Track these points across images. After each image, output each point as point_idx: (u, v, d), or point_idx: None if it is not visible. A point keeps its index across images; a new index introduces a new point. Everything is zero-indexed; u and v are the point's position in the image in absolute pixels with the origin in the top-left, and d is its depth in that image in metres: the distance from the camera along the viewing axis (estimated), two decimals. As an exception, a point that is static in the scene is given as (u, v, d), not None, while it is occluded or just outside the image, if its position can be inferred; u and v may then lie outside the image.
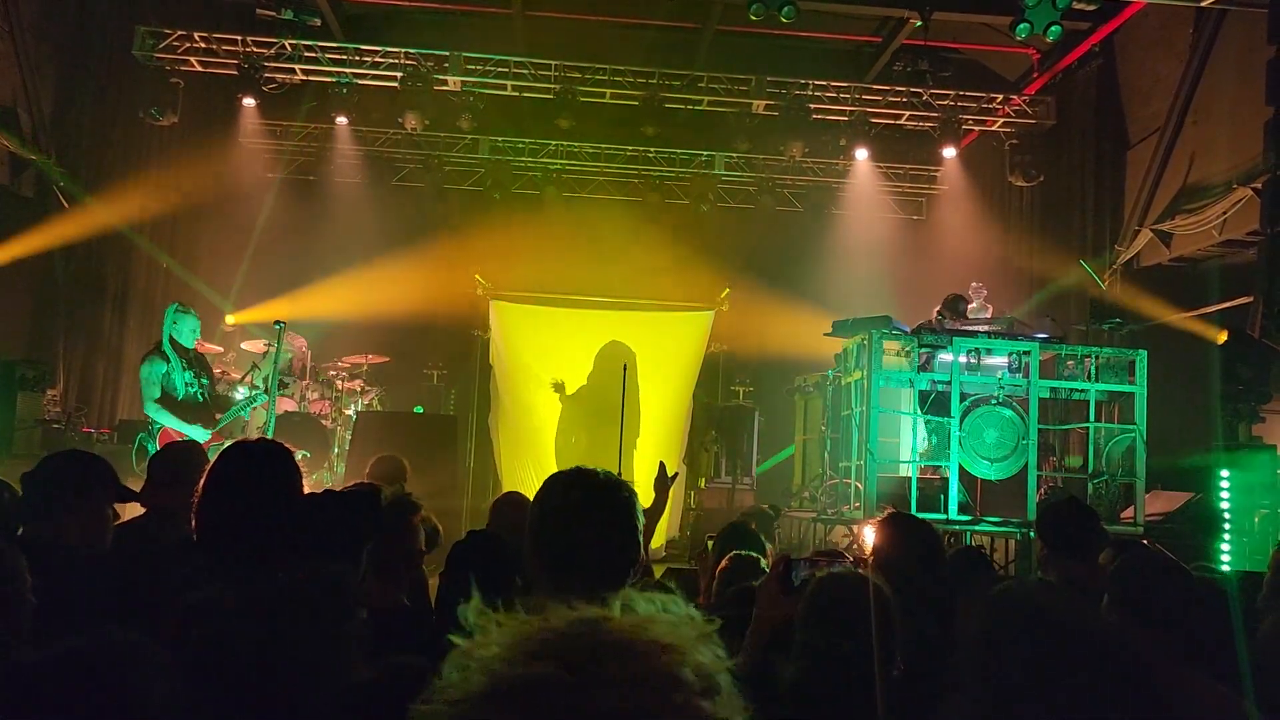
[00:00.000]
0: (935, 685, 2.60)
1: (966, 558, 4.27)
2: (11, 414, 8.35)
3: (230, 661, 1.85)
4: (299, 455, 2.85)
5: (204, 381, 7.10)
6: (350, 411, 10.41)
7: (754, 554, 3.66)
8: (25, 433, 8.55)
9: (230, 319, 11.15)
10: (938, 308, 9.02)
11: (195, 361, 7.10)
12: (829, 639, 2.23)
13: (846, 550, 6.88)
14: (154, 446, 6.85)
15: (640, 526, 1.92)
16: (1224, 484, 7.20)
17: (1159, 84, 10.09)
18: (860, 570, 2.53)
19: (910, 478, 7.81)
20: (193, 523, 3.10)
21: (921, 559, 3.24)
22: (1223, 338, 7.88)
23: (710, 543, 4.20)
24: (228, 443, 7.01)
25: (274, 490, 2.58)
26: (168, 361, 6.88)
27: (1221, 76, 9.15)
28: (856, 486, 7.95)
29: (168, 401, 6.83)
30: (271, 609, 1.93)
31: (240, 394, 8.32)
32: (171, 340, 6.92)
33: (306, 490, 2.78)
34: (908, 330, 8.34)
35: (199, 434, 6.76)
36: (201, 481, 2.75)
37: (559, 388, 11.75)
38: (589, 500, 1.88)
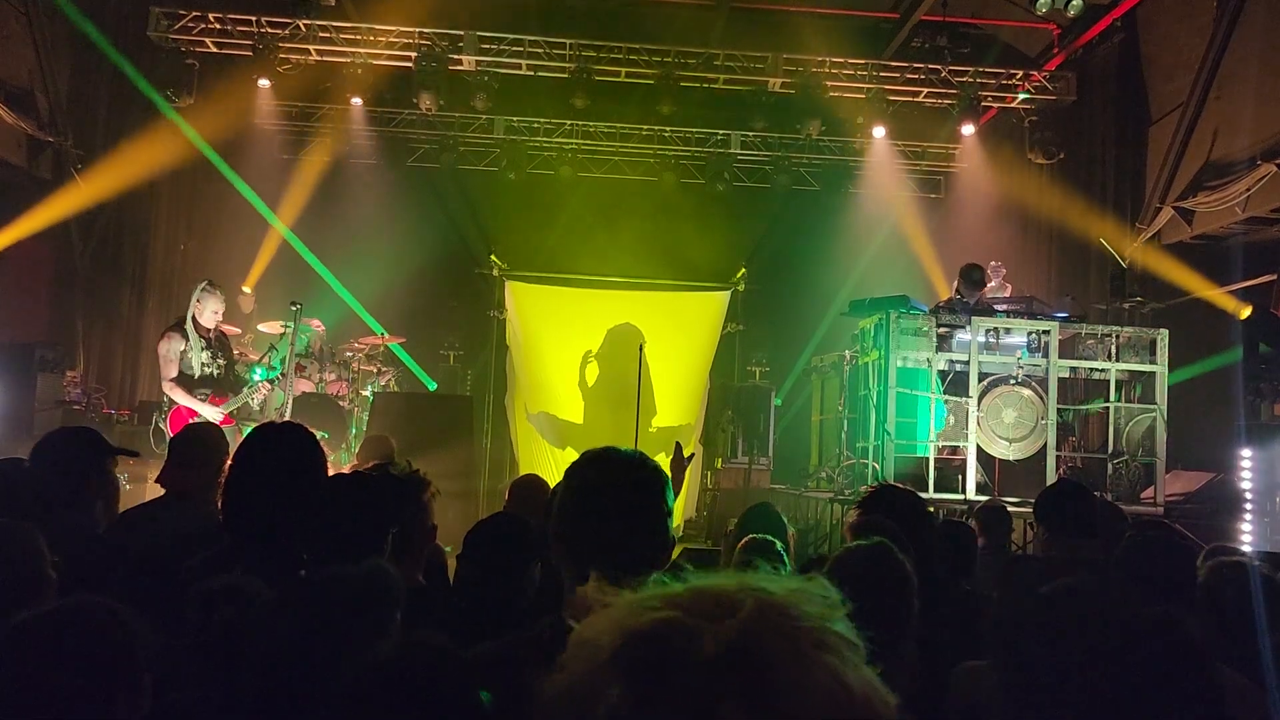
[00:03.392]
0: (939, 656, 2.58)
1: (951, 530, 4.25)
2: (31, 395, 8.42)
3: (261, 650, 1.85)
4: (318, 436, 2.86)
5: (221, 363, 7.12)
6: (367, 392, 10.44)
7: (770, 537, 3.66)
8: (46, 414, 8.62)
9: (246, 289, 11.18)
10: (956, 283, 8.96)
11: (215, 342, 7.12)
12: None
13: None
14: (167, 427, 6.91)
15: (671, 509, 1.90)
16: (1246, 464, 7.14)
17: (1182, 59, 9.94)
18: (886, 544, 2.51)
19: (928, 458, 7.78)
20: (218, 504, 3.14)
21: (907, 530, 3.23)
22: (1245, 312, 7.81)
23: (733, 524, 4.20)
24: (246, 426, 7.10)
25: (300, 474, 2.59)
26: (186, 340, 6.90)
27: (1246, 51, 9.01)
28: (874, 467, 7.92)
29: (183, 380, 6.87)
30: (317, 603, 1.92)
31: (257, 375, 8.36)
32: (194, 319, 6.95)
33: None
34: (926, 309, 8.29)
35: (211, 414, 6.80)
36: (227, 464, 2.78)
37: (587, 358, 11.80)
38: (617, 482, 1.85)
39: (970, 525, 4.87)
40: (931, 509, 6.01)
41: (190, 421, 6.37)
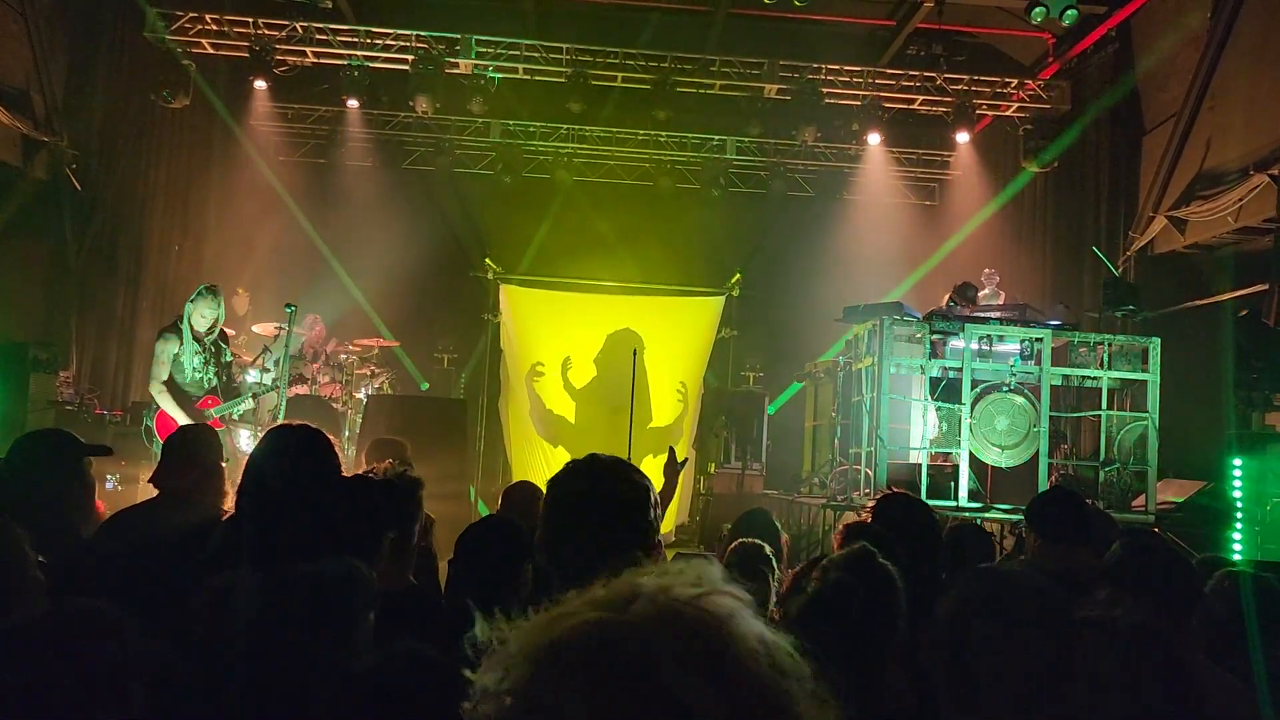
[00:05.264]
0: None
1: (962, 534, 4.23)
2: (24, 395, 8.38)
3: (244, 644, 1.87)
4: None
5: (214, 368, 7.07)
6: (361, 395, 10.43)
7: (760, 541, 3.67)
8: (38, 414, 8.58)
9: (241, 290, 11.18)
10: (948, 295, 8.98)
11: (209, 346, 7.07)
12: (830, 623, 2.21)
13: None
14: (155, 425, 6.90)
15: (653, 515, 1.90)
16: (1236, 473, 7.16)
17: (1175, 69, 9.99)
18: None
19: (921, 464, 7.79)
20: (212, 504, 3.13)
21: (919, 542, 3.23)
22: (1243, 312, 7.85)
23: (727, 529, 4.21)
24: (240, 429, 7.07)
25: (317, 475, 2.58)
26: (181, 342, 6.90)
27: (1239, 61, 9.05)
28: (867, 473, 7.94)
29: (172, 386, 6.85)
30: (291, 597, 1.94)
31: (251, 377, 8.34)
32: (189, 321, 6.94)
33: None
34: (919, 316, 8.31)
35: (187, 420, 6.74)
36: (221, 464, 2.75)
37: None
38: (598, 491, 1.86)
39: (982, 529, 4.81)
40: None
41: (185, 425, 6.35)
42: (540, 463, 11.42)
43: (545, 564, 1.88)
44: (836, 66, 11.55)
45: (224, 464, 3.67)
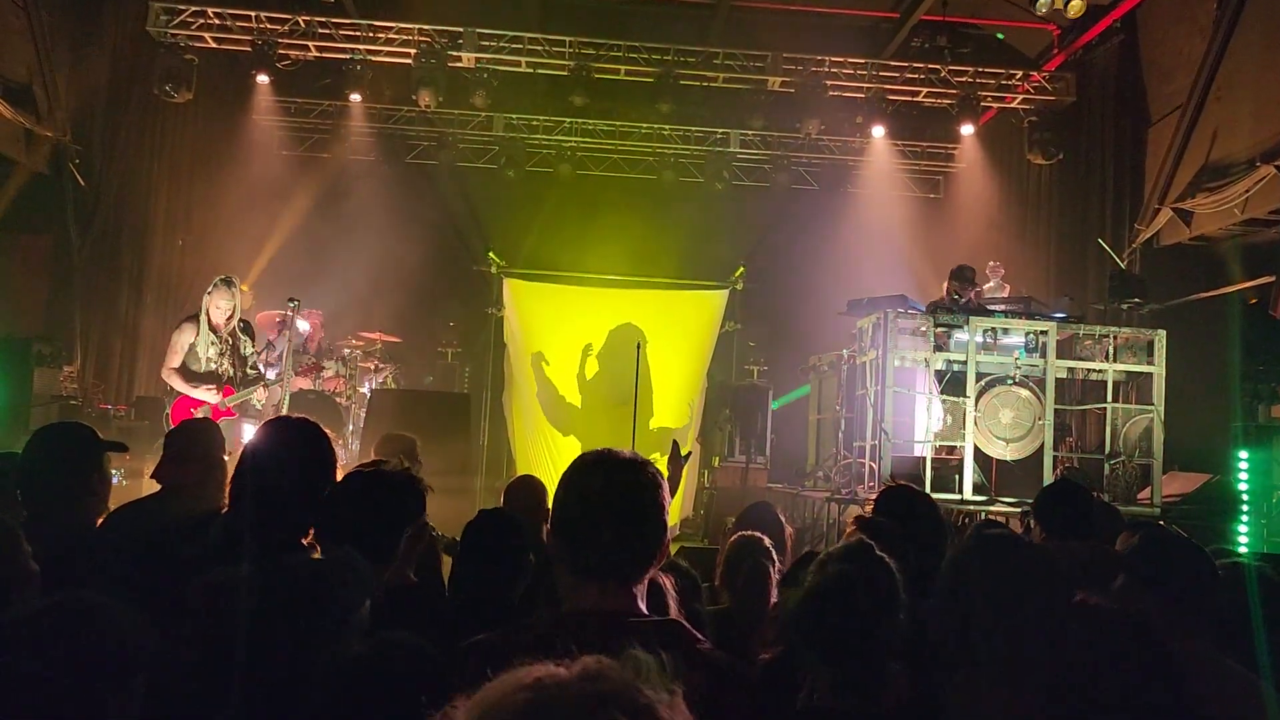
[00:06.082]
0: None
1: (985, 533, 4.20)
2: (28, 390, 8.39)
3: (238, 635, 1.86)
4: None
5: (229, 360, 7.10)
6: (365, 389, 10.43)
7: (758, 534, 3.66)
8: (42, 409, 8.60)
9: (245, 287, 11.18)
10: (947, 282, 8.95)
11: (228, 338, 7.10)
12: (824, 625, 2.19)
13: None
14: (170, 413, 6.96)
15: (667, 510, 1.89)
16: (1242, 465, 7.15)
17: (1181, 60, 9.94)
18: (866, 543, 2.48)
19: (925, 458, 7.78)
20: (212, 498, 3.13)
21: (922, 534, 3.21)
22: (1252, 300, 7.84)
23: (731, 522, 4.21)
24: (247, 423, 7.08)
25: (311, 467, 2.57)
26: (197, 332, 6.95)
27: (1246, 52, 9.00)
28: (871, 466, 7.92)
29: (183, 371, 6.92)
30: (284, 589, 1.93)
31: (270, 374, 8.36)
32: (207, 313, 6.99)
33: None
34: (923, 309, 8.29)
35: (207, 396, 6.85)
36: (222, 458, 2.74)
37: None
38: (614, 483, 1.84)
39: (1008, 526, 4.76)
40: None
41: (185, 419, 6.38)
42: (545, 456, 11.42)
43: (556, 559, 1.87)
44: (840, 59, 11.50)
45: (226, 457, 3.67)
